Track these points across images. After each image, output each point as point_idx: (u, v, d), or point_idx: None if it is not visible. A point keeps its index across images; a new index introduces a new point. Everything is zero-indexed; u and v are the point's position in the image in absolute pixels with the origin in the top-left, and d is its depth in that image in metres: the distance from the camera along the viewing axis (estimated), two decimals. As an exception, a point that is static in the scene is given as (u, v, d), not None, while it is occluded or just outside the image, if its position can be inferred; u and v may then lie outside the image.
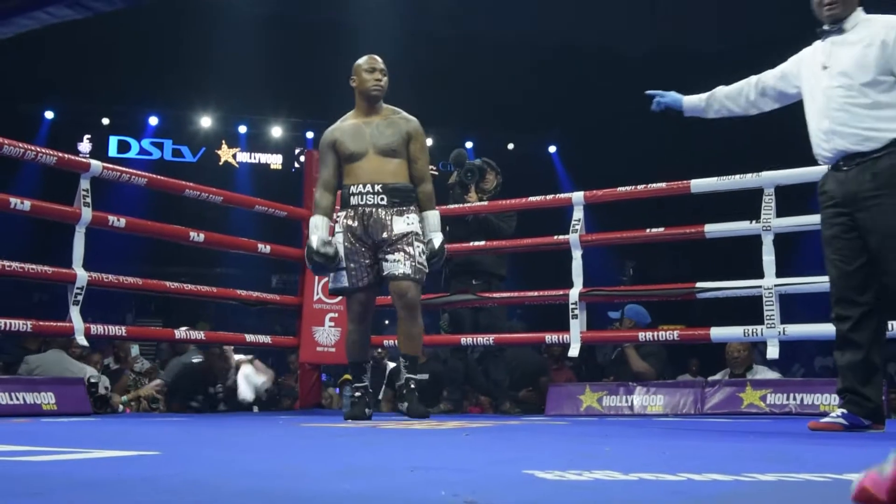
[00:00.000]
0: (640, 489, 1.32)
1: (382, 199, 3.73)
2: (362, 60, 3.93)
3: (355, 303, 3.87)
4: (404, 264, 3.71)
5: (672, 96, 3.47)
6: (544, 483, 1.37)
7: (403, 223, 3.73)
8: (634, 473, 1.46)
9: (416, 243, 3.75)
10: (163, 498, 1.24)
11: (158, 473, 1.57)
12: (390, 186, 3.75)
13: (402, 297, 3.76)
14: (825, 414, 4.15)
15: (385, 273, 3.77)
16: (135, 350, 6.94)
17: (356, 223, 3.76)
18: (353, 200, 3.77)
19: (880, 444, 2.48)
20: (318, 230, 3.80)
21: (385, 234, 3.73)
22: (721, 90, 3.40)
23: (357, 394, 3.92)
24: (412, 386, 3.86)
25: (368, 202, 3.74)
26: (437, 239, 3.83)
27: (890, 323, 3.87)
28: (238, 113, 16.64)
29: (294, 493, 1.30)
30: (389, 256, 3.73)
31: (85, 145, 16.06)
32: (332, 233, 3.89)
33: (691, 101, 3.45)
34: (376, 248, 3.77)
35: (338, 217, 3.89)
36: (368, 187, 3.74)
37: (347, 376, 5.85)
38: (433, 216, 3.86)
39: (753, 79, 3.33)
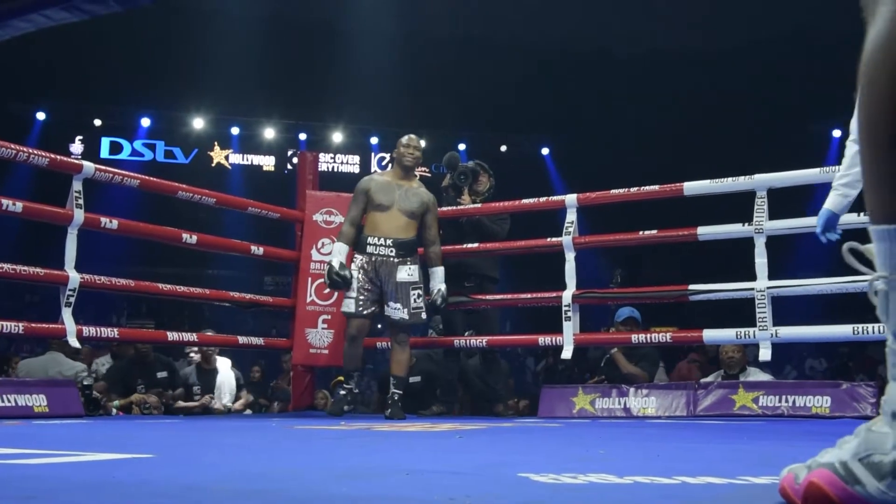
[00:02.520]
0: (635, 492, 1.33)
1: (392, 252, 4.62)
2: (404, 138, 4.82)
3: (354, 325, 4.65)
4: (403, 311, 4.62)
5: (822, 220, 3.11)
6: (539, 486, 1.37)
7: (405, 273, 4.62)
8: (629, 476, 1.46)
9: (412, 292, 4.62)
10: (158, 501, 1.23)
11: (153, 476, 1.56)
12: (400, 241, 4.64)
13: (396, 336, 4.72)
14: (817, 416, 4.19)
15: (387, 314, 4.67)
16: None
17: (370, 267, 4.61)
18: (370, 249, 4.63)
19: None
20: (339, 255, 4.62)
21: (390, 280, 4.60)
22: (841, 170, 3.04)
23: (342, 392, 4.76)
24: (396, 399, 4.63)
25: (381, 253, 4.62)
26: (442, 289, 4.74)
27: (874, 326, 3.89)
28: (231, 114, 16.60)
29: (290, 496, 1.30)
30: (392, 303, 4.63)
31: (77, 146, 16.01)
32: (350, 261, 4.66)
33: (835, 202, 3.08)
34: (382, 288, 4.63)
35: (355, 258, 4.66)
36: (383, 240, 4.62)
37: (340, 378, 5.88)
38: (440, 271, 4.77)
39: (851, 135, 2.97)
